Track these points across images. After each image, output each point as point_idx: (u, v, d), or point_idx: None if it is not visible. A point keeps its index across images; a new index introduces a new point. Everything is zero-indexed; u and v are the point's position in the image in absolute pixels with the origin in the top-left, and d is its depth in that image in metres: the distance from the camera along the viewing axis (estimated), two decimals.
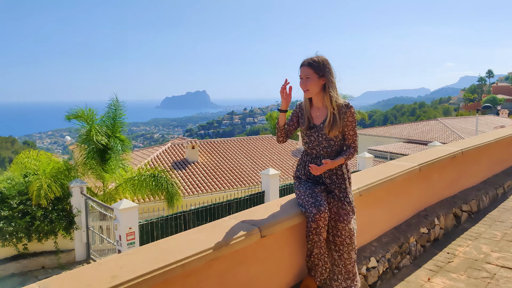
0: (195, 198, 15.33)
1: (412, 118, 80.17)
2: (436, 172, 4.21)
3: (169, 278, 1.82)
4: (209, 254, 1.96)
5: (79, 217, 11.39)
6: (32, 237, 10.84)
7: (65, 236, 11.28)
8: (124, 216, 9.44)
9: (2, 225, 10.23)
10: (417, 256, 3.56)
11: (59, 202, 11.28)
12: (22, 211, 10.67)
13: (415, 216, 3.88)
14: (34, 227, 10.69)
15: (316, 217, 2.42)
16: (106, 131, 12.62)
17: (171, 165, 17.65)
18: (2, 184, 11.00)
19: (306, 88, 2.58)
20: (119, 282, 1.63)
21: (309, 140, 2.68)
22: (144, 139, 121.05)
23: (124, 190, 12.33)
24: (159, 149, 19.70)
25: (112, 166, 12.69)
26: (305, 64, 2.58)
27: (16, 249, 10.77)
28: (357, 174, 3.40)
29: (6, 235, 10.33)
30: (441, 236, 3.97)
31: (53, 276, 1.66)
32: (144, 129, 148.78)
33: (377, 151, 24.98)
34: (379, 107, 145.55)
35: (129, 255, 1.89)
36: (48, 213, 10.93)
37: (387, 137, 30.07)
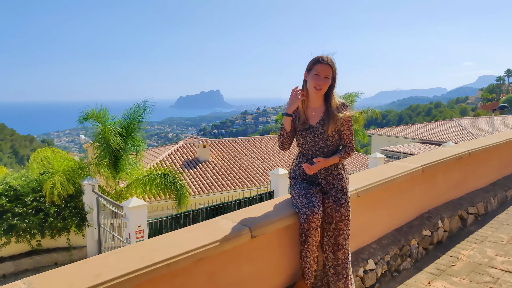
0: (205, 197, 15.40)
1: (428, 118, 78.89)
2: (441, 173, 4.13)
3: (155, 277, 1.82)
4: (196, 254, 1.96)
5: (91, 214, 11.55)
6: (45, 234, 11.05)
7: (77, 233, 11.46)
8: (133, 214, 9.54)
9: (16, 222, 10.44)
10: (418, 259, 3.50)
11: (71, 199, 11.46)
12: (36, 208, 10.88)
13: (418, 218, 3.81)
14: (47, 224, 10.89)
15: (309, 218, 2.40)
16: (120, 131, 12.77)
17: (183, 164, 17.76)
18: (17, 181, 11.23)
19: (322, 87, 2.52)
20: (102, 281, 1.64)
21: (305, 141, 2.65)
22: (159, 138, 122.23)
23: (135, 189, 12.46)
24: (171, 148, 19.85)
25: (124, 165, 12.83)
26: (328, 63, 2.51)
27: (30, 245, 11.00)
28: (356, 174, 3.35)
29: (20, 231, 10.54)
30: (445, 238, 3.89)
31: (38, 274, 1.68)
32: (158, 128, 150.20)
33: (390, 151, 24.68)
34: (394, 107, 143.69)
35: (116, 254, 1.90)
36: (61, 210, 11.13)
37: (401, 137, 29.68)
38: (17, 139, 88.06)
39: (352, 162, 20.10)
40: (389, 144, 28.35)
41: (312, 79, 2.53)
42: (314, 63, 2.54)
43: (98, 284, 1.62)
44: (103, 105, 12.91)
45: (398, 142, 28.69)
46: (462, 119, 33.46)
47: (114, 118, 13.02)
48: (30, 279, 1.64)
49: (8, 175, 11.81)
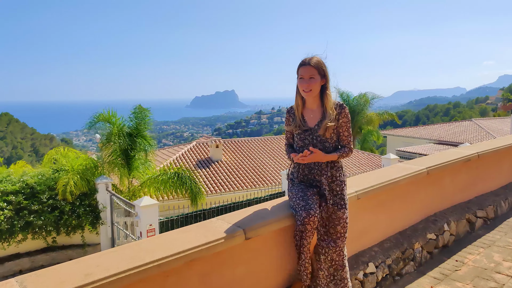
0: (218, 196, 15.47)
1: (446, 118, 77.38)
2: (448, 176, 4.06)
3: (146, 277, 1.85)
4: (188, 255, 1.98)
5: (104, 212, 11.74)
6: (60, 231, 11.29)
7: (91, 231, 11.67)
8: (144, 213, 9.66)
9: (33, 219, 10.68)
10: (422, 263, 3.45)
11: (86, 197, 11.67)
12: (52, 206, 11.11)
13: (423, 221, 3.75)
14: (62, 221, 11.12)
15: (305, 220, 2.39)
16: (129, 131, 12.96)
17: (196, 164, 17.89)
18: (33, 179, 11.50)
19: (309, 88, 2.51)
20: (92, 280, 1.67)
21: (303, 143, 2.64)
22: (174, 137, 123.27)
23: (148, 188, 12.62)
24: (184, 147, 20.01)
25: (136, 164, 13.01)
26: (310, 64, 2.52)
27: (46, 242, 11.25)
28: (357, 176, 3.33)
29: (36, 228, 10.79)
30: (451, 242, 3.82)
31: (32, 272, 1.72)
32: (174, 127, 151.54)
33: (405, 152, 24.33)
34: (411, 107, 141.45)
35: (108, 253, 1.94)
36: (75, 208, 11.34)
37: (416, 138, 29.23)
38: (38, 138, 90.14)
39: (366, 163, 19.91)
40: (404, 144, 27.96)
41: (299, 83, 2.55)
42: (298, 68, 2.57)
43: (87, 283, 1.65)
44: (120, 105, 13.16)
45: (414, 143, 28.26)
46: (481, 120, 32.76)
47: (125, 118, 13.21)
48: (23, 277, 1.68)
49: (25, 173, 12.10)
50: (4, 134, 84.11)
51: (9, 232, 10.39)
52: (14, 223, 10.42)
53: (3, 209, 10.35)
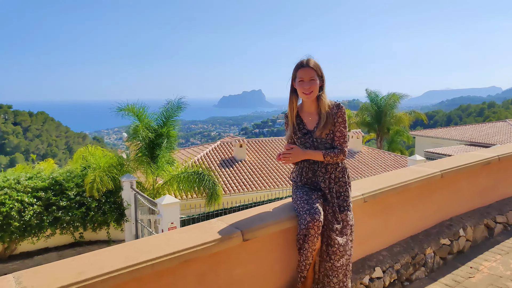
0: (240, 196, 15.54)
1: (480, 119, 74.50)
2: (465, 179, 3.91)
3: (140, 276, 1.88)
4: (182, 255, 2.00)
5: (129, 210, 12.03)
6: (87, 227, 11.66)
7: (116, 227, 12.00)
8: (166, 211, 9.82)
9: (61, 214, 11.08)
10: (434, 269, 3.35)
11: (111, 195, 12.00)
12: (79, 202, 11.49)
13: (437, 225, 3.64)
14: (89, 218, 11.48)
15: (309, 224, 2.35)
16: (156, 129, 13.17)
17: (219, 163, 18.04)
18: (62, 176, 11.93)
19: (310, 90, 2.49)
20: (84, 278, 1.71)
21: (304, 147, 2.61)
22: (202, 136, 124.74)
23: (171, 186, 12.82)
24: (209, 146, 20.22)
25: (161, 163, 13.23)
26: (309, 65, 2.50)
27: (73, 237, 11.65)
28: (365, 179, 3.26)
29: (64, 223, 11.19)
30: (467, 248, 3.69)
31: (29, 269, 1.79)
32: (202, 127, 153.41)
33: (434, 153, 23.63)
34: (443, 107, 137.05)
35: (104, 252, 1.99)
36: (101, 205, 11.69)
37: (446, 139, 28.32)
38: (71, 136, 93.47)
39: (391, 164, 19.47)
40: (433, 146, 27.16)
41: (299, 86, 2.52)
42: (296, 70, 2.54)
43: (80, 281, 1.70)
44: (149, 104, 13.41)
45: (444, 144, 27.40)
46: None
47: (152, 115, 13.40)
48: (20, 273, 1.75)
49: (54, 170, 12.58)
50: (40, 132, 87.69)
51: (38, 227, 10.82)
52: (43, 218, 10.85)
53: (32, 205, 10.79)
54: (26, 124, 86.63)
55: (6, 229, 10.39)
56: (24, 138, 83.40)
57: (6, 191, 10.67)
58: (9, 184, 10.93)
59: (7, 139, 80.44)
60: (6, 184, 10.88)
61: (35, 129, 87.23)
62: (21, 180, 11.24)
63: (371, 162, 19.46)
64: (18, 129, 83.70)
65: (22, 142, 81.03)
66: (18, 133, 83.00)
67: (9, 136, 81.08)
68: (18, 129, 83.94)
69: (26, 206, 10.71)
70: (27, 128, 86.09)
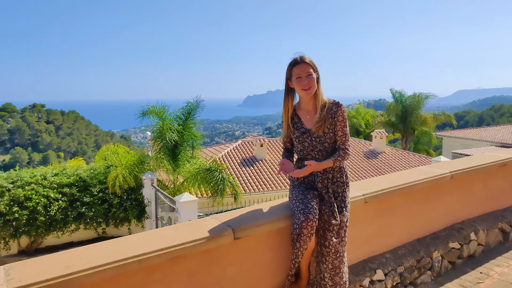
0: (260, 195, 15.55)
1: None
2: (478, 181, 3.77)
3: (127, 272, 1.91)
4: (170, 252, 2.01)
5: (149, 207, 12.26)
6: (109, 222, 11.98)
7: (137, 224, 12.26)
8: (184, 209, 9.95)
9: (84, 210, 11.42)
10: (441, 273, 3.24)
11: (132, 192, 12.27)
12: (101, 199, 11.81)
13: (447, 228, 3.52)
14: (111, 214, 11.79)
15: (302, 224, 2.32)
16: (177, 128, 13.37)
17: (240, 162, 18.11)
18: (86, 173, 12.29)
19: (309, 85, 2.45)
20: (71, 271, 1.76)
21: (302, 146, 2.58)
22: (226, 136, 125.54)
23: (192, 184, 12.97)
24: (230, 146, 20.33)
25: (181, 161, 13.42)
26: (305, 61, 2.47)
27: (96, 233, 11.99)
28: (367, 180, 3.19)
29: (87, 219, 11.53)
30: (478, 253, 3.55)
31: (19, 261, 1.85)
32: (226, 126, 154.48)
33: (463, 155, 22.88)
34: (474, 107, 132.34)
35: (94, 247, 2.03)
36: (123, 201, 11.97)
37: (476, 140, 27.35)
38: (100, 135, 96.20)
39: (415, 165, 18.99)
40: (462, 147, 26.29)
41: (297, 83, 2.47)
42: (291, 68, 2.50)
43: (66, 274, 1.74)
44: (176, 103, 13.64)
45: (473, 145, 26.47)
46: None
47: (172, 115, 13.62)
48: (11, 265, 1.82)
49: (79, 167, 12.96)
50: (71, 131, 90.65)
51: (63, 221, 11.19)
52: (68, 214, 11.21)
53: (58, 200, 11.17)
54: (58, 122, 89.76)
55: (32, 224, 10.81)
56: (56, 136, 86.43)
57: (33, 187, 11.09)
58: (36, 180, 11.35)
59: (40, 137, 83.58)
60: (33, 180, 11.30)
61: (66, 127, 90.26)
62: (47, 176, 11.65)
63: (395, 163, 19.05)
64: (50, 128, 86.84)
65: (54, 140, 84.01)
66: (51, 131, 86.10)
67: (42, 134, 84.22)
68: (51, 127, 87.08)
69: (51, 202, 11.09)
70: (59, 127, 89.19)
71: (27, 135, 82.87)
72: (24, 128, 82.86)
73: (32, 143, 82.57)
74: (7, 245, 10.82)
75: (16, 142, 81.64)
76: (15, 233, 10.68)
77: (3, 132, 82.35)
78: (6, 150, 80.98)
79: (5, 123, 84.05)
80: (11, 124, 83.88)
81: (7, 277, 1.70)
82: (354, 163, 19.03)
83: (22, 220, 10.58)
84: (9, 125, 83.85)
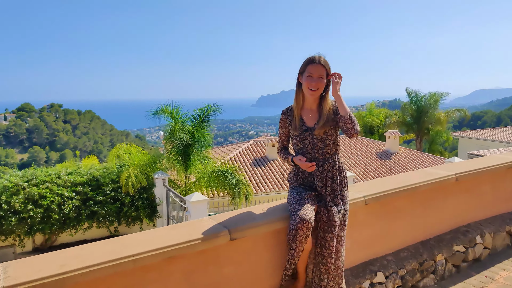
0: (272, 195, 15.55)
1: None
2: (486, 183, 3.70)
3: (122, 271, 1.94)
4: (165, 252, 2.03)
5: (161, 206, 12.37)
6: (121, 221, 12.13)
7: (148, 223, 12.38)
8: (194, 208, 10.01)
9: (97, 209, 11.59)
10: (445, 277, 3.19)
11: (144, 191, 12.40)
12: (114, 197, 11.97)
13: (452, 231, 3.46)
14: (123, 213, 11.94)
15: (298, 225, 2.32)
16: (189, 129, 13.46)
17: (252, 162, 18.13)
18: (99, 172, 12.47)
19: (317, 87, 2.47)
20: (65, 270, 1.79)
21: (303, 144, 2.58)
22: (240, 136, 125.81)
23: (203, 184, 13.04)
24: (242, 146, 20.37)
25: (193, 161, 13.50)
26: (320, 63, 2.48)
27: (109, 231, 12.15)
28: (371, 181, 3.16)
29: (100, 217, 11.70)
30: (484, 256, 3.49)
31: (18, 259, 1.90)
32: (240, 126, 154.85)
33: (478, 155, 22.46)
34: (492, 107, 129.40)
35: (91, 247, 2.06)
36: (135, 200, 12.11)
37: (493, 141, 26.80)
38: (115, 134, 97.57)
39: (428, 166, 18.72)
40: (479, 148, 25.78)
41: (306, 81, 2.48)
42: (306, 65, 2.49)
43: (61, 273, 1.78)
44: (190, 103, 13.73)
45: (491, 146, 25.94)
46: None
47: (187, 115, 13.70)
48: (9, 263, 1.86)
49: (92, 166, 13.16)
50: (87, 130, 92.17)
51: (76, 220, 11.38)
52: (81, 212, 11.40)
53: (71, 199, 11.36)
54: (75, 122, 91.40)
55: (47, 221, 11.02)
56: (73, 135, 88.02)
57: (47, 185, 11.30)
58: (51, 179, 11.57)
59: (58, 136, 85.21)
60: (48, 179, 11.52)
61: (83, 127, 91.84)
62: (61, 175, 11.86)
63: (408, 164, 18.80)
64: (67, 127, 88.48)
65: (71, 139, 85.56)
66: (68, 131, 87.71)
67: (60, 133, 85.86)
68: (68, 127, 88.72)
69: (65, 200, 11.29)
70: (76, 126, 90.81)
71: (45, 134, 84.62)
72: (42, 127, 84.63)
73: (50, 142, 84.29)
74: (22, 242, 11.06)
75: (34, 141, 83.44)
76: (29, 231, 10.91)
77: (22, 131, 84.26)
78: (24, 149, 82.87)
79: (24, 122, 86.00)
80: (30, 124, 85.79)
81: (3, 275, 1.74)
82: (366, 164, 18.86)
83: (37, 218, 10.80)
84: (27, 125, 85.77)
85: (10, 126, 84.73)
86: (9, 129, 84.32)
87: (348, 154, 19.87)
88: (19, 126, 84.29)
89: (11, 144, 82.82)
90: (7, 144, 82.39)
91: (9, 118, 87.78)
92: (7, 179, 11.21)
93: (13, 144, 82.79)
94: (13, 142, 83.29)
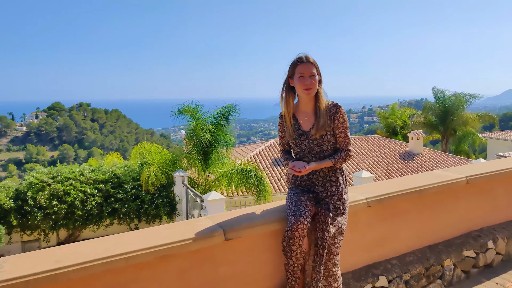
0: None
1: None
2: (501, 186, 3.56)
3: (114, 268, 1.97)
4: (158, 251, 2.06)
5: (180, 204, 12.54)
6: (141, 219, 12.36)
7: (168, 221, 12.56)
8: (212, 207, 10.09)
9: (118, 206, 11.87)
10: (453, 282, 3.09)
11: (164, 189, 12.60)
12: (134, 195, 12.22)
13: (463, 236, 3.35)
14: (143, 210, 12.17)
15: (293, 227, 2.30)
16: (209, 128, 13.57)
17: (271, 162, 18.10)
18: (120, 170, 12.76)
19: (312, 86, 2.42)
20: (59, 266, 1.84)
21: (299, 149, 2.55)
22: (262, 135, 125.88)
23: (221, 183, 13.14)
24: (262, 145, 20.37)
25: (213, 160, 13.61)
26: (309, 61, 2.44)
27: (129, 228, 12.40)
28: (376, 183, 3.10)
29: (121, 214, 11.97)
30: (496, 262, 3.36)
31: (14, 255, 1.97)
32: (262, 125, 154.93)
33: (507, 157, 21.64)
34: None
35: (87, 244, 2.11)
36: (154, 198, 12.32)
37: None
38: (141, 133, 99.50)
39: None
40: (508, 149, 24.84)
41: (299, 82, 2.43)
42: (295, 66, 2.45)
43: (54, 269, 1.83)
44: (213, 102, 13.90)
45: None
46: None
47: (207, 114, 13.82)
48: (6, 258, 1.93)
49: (114, 164, 13.47)
50: (113, 129, 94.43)
51: (98, 216, 11.69)
52: (103, 209, 11.70)
53: (94, 196, 11.68)
54: (102, 121, 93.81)
55: (70, 217, 11.38)
56: (100, 133, 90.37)
57: (71, 182, 11.65)
58: (74, 176, 11.92)
59: (86, 135, 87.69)
60: (72, 176, 11.88)
61: (109, 125, 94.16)
62: (84, 172, 12.20)
63: (431, 165, 18.32)
64: (95, 126, 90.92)
65: (98, 137, 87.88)
66: (95, 129, 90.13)
67: (88, 132, 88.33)
68: (95, 125, 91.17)
69: (88, 197, 11.62)
70: (103, 125, 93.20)
71: (74, 133, 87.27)
72: (71, 126, 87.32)
73: (78, 140, 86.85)
74: (46, 237, 11.45)
75: (64, 139, 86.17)
76: (54, 226, 11.29)
77: (52, 130, 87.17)
78: (55, 146, 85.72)
79: (54, 121, 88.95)
80: (60, 122, 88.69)
81: (0, 270, 1.81)
82: (388, 164, 18.50)
83: (61, 213, 11.15)
84: (57, 123, 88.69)
85: (41, 124, 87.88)
86: (40, 127, 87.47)
87: (370, 155, 19.55)
88: (50, 124, 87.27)
89: (42, 142, 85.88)
90: (39, 141, 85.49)
91: (41, 117, 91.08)
92: (33, 175, 11.62)
93: (44, 142, 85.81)
94: (44, 140, 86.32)
